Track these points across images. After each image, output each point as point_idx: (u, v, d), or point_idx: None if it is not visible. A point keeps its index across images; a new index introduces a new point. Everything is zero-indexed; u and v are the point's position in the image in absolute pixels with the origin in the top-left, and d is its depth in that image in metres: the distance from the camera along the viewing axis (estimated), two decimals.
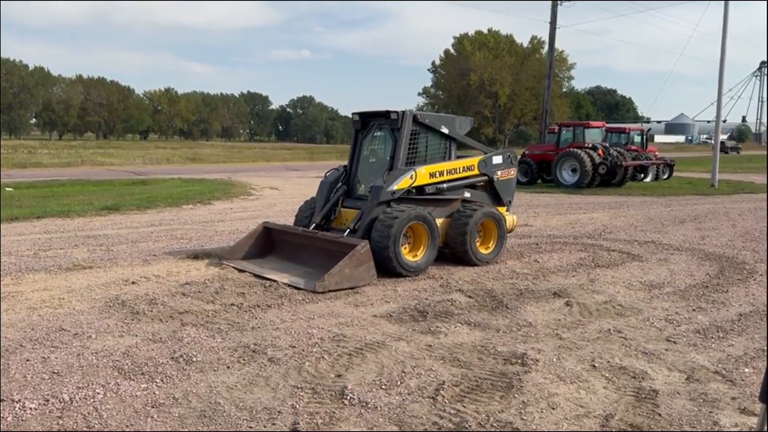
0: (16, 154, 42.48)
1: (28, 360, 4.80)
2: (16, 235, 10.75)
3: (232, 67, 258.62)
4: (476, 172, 9.10)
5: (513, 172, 9.62)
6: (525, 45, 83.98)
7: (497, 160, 9.38)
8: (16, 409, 3.96)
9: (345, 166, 9.06)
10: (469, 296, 6.95)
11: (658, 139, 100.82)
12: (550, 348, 5.24)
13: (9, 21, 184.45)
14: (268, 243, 8.93)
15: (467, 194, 8.99)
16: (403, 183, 8.17)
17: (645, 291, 7.32)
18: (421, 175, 8.38)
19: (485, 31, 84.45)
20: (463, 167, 8.95)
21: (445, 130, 8.85)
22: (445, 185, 8.64)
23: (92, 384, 4.35)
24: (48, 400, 4.08)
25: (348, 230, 8.03)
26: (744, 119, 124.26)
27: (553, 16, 32.11)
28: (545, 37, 34.15)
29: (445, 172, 8.69)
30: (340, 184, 8.87)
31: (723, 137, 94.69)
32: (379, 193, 8.00)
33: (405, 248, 7.98)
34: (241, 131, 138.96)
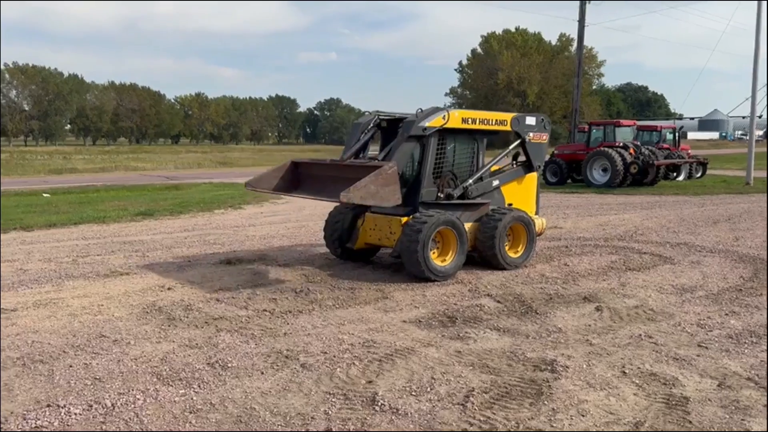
0: (52, 160, 43.57)
1: (71, 366, 4.99)
2: (55, 242, 11.08)
3: (260, 71, 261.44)
4: (508, 128, 9.14)
5: (545, 138, 9.61)
6: (553, 43, 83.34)
7: (530, 120, 9.39)
8: (62, 414, 4.13)
9: (378, 112, 9.01)
10: (498, 301, 6.98)
11: (692, 135, 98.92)
12: (580, 354, 5.25)
13: (43, 30, 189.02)
14: (296, 178, 8.81)
15: (495, 182, 9.05)
16: (435, 121, 8.20)
17: (677, 295, 7.26)
18: (454, 117, 8.43)
19: (513, 30, 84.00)
20: (497, 120, 8.99)
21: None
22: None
23: (132, 390, 4.50)
24: (91, 406, 4.24)
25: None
26: None
27: (581, 15, 31.80)
28: (574, 35, 33.87)
29: (477, 121, 8.73)
30: (371, 126, 8.83)
31: (759, 133, 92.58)
32: (411, 127, 8.05)
33: (434, 253, 8.03)
34: (270, 134, 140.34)
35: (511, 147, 9.45)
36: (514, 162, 9.58)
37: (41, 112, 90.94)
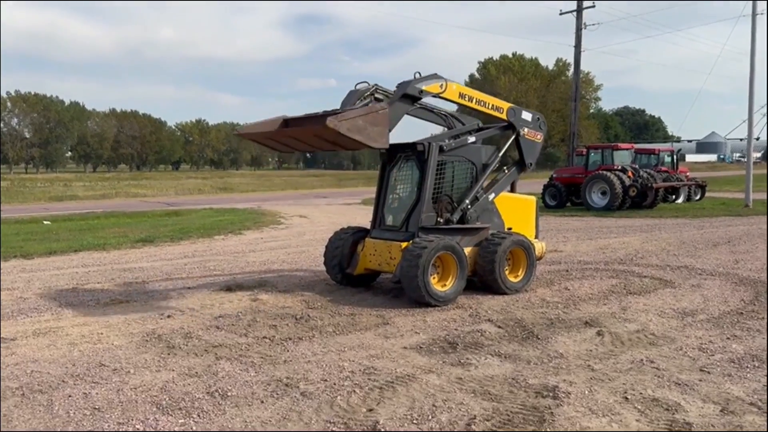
0: (53, 187, 43.73)
1: (70, 396, 4.96)
2: (55, 269, 11.08)
3: (260, 98, 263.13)
4: (504, 116, 9.18)
5: (539, 137, 9.63)
6: (550, 68, 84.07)
7: (526, 116, 9.44)
8: None
9: (376, 85, 8.87)
10: (499, 326, 6.96)
11: (690, 158, 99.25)
12: (582, 380, 5.22)
13: (46, 58, 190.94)
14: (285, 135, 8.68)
15: (492, 195, 9.06)
16: (432, 87, 8.20)
17: (678, 319, 7.24)
18: (452, 90, 8.45)
19: (510, 55, 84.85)
20: (493, 105, 9.04)
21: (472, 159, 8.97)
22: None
23: (132, 420, 4.47)
24: None
25: None
26: None
27: (577, 40, 32.16)
28: (571, 59, 34.20)
29: (475, 100, 8.78)
30: (368, 95, 8.60)
31: (756, 155, 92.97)
32: (407, 86, 8.02)
33: (434, 278, 8.03)
34: (270, 159, 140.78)
35: (505, 146, 9.39)
36: (506, 168, 9.52)
37: (42, 139, 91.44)
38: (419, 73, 8.22)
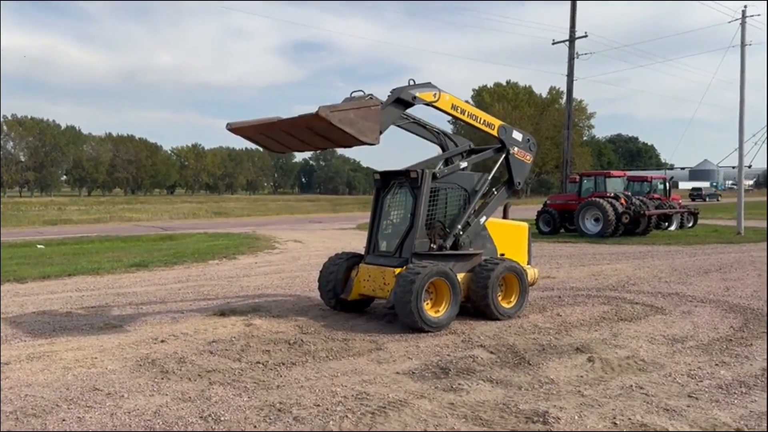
0: (47, 211, 43.69)
1: (64, 420, 4.98)
2: (48, 294, 11.09)
3: None
4: (495, 132, 9.30)
5: (529, 158, 9.74)
6: (544, 95, 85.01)
7: (517, 135, 9.55)
8: None
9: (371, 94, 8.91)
10: (491, 352, 7.02)
11: (683, 185, 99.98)
12: (572, 405, 5.28)
13: (44, 82, 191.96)
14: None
15: (483, 219, 9.13)
16: (425, 95, 8.31)
17: (668, 345, 7.31)
18: (444, 100, 8.54)
19: (504, 83, 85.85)
20: (485, 121, 9.19)
21: (465, 186, 9.10)
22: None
23: None
24: None
25: None
26: None
27: (570, 69, 32.63)
28: (564, 87, 34.61)
29: (467, 113, 8.92)
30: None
31: (748, 183, 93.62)
32: (401, 91, 8.12)
33: (427, 304, 8.09)
34: (266, 184, 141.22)
35: (495, 165, 9.45)
36: (495, 190, 9.58)
37: (37, 163, 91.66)
38: (413, 80, 8.36)
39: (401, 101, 8.11)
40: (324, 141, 7.99)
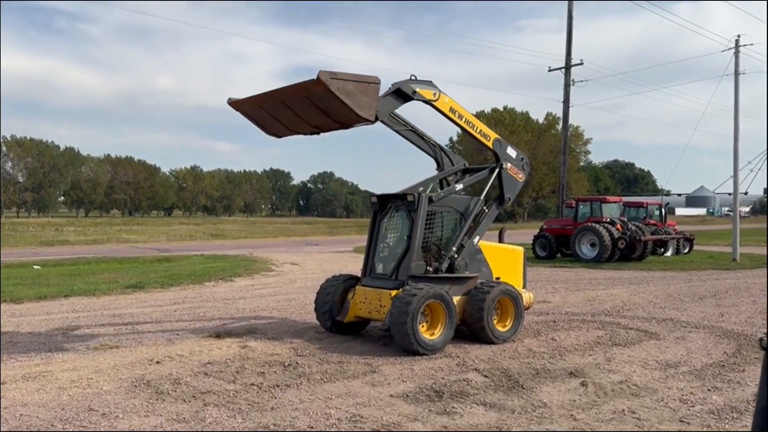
0: (44, 232, 43.65)
1: None
2: (44, 314, 11.09)
3: (255, 145, 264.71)
4: (490, 144, 9.41)
5: (521, 177, 9.83)
6: (541, 121, 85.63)
7: (511, 152, 9.65)
8: None
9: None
10: (485, 376, 7.05)
11: (680, 212, 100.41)
12: (564, 429, 5.31)
13: (44, 103, 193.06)
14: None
15: (477, 239, 9.21)
16: (425, 92, 8.46)
17: (661, 370, 7.35)
18: (443, 101, 8.68)
19: (501, 109, 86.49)
20: (481, 131, 9.30)
21: (459, 209, 9.19)
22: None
23: None
24: None
25: None
26: (766, 191, 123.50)
27: (565, 96, 32.98)
28: (560, 114, 34.95)
29: (464, 118, 9.01)
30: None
31: (745, 209, 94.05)
32: (401, 84, 8.24)
33: (423, 326, 8.13)
34: (263, 206, 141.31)
35: (489, 182, 9.52)
36: (485, 208, 9.59)
37: (35, 183, 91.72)
38: (415, 76, 8.51)
39: (401, 93, 8.28)
40: (320, 115, 7.90)
